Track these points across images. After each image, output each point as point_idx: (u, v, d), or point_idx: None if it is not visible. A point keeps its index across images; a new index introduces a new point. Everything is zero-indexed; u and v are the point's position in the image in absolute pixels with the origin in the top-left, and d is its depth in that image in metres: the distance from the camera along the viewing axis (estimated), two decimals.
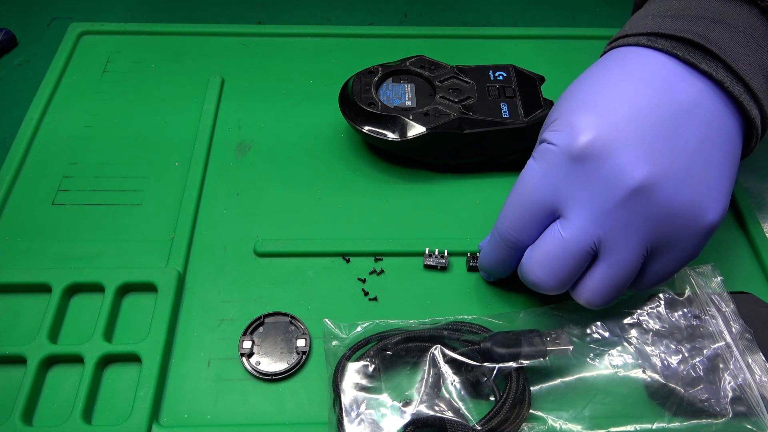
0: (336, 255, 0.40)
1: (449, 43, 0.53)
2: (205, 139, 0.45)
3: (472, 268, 0.39)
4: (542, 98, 0.43)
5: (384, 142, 0.41)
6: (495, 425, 0.31)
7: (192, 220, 0.41)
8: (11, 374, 0.35)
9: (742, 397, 0.32)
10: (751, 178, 0.46)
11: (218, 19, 0.55)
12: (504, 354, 0.32)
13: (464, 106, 0.42)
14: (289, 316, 0.37)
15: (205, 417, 0.34)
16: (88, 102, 0.48)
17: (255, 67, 0.51)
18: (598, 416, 0.33)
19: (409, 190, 0.44)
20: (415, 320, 0.35)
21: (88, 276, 0.38)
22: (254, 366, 0.35)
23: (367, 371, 0.33)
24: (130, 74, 0.50)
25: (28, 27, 0.55)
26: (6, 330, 0.36)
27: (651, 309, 0.36)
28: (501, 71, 0.45)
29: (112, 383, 0.35)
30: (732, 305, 0.35)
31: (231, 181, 0.44)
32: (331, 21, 0.56)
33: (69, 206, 0.42)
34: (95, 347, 0.35)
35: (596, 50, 0.54)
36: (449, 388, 0.32)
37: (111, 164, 0.44)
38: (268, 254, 0.40)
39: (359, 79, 0.43)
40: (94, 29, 0.53)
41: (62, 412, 0.33)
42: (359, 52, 0.52)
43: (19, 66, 0.52)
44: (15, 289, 0.38)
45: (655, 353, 0.34)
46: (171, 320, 0.36)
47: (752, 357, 0.34)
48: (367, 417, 0.31)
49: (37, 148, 0.45)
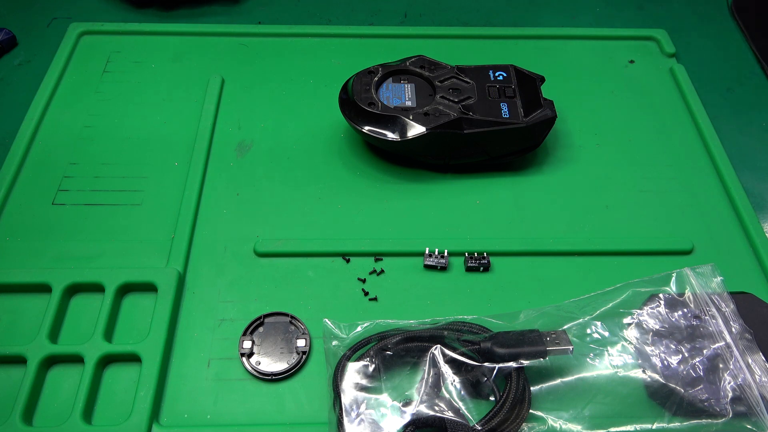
0: (336, 255, 0.40)
1: (449, 43, 0.53)
2: (205, 139, 0.45)
3: (472, 268, 0.39)
4: (542, 98, 0.43)
5: (384, 142, 0.41)
6: (495, 425, 0.31)
7: (192, 220, 0.41)
8: (11, 374, 0.35)
9: (742, 397, 0.32)
10: (751, 178, 0.46)
11: (218, 19, 0.55)
12: (504, 354, 0.32)
13: (464, 106, 0.42)
14: (289, 316, 0.37)
15: (205, 417, 0.34)
16: (88, 102, 0.48)
17: (255, 67, 0.51)
18: (598, 416, 0.33)
19: (409, 190, 0.44)
20: (415, 320, 0.35)
21: (88, 276, 0.38)
22: (254, 366, 0.35)
23: (367, 371, 0.33)
24: (130, 74, 0.50)
25: (28, 27, 0.55)
26: (6, 330, 0.36)
27: (651, 309, 0.36)
28: (501, 71, 0.45)
29: (112, 383, 0.35)
30: (732, 305, 0.35)
31: (231, 181, 0.44)
32: (331, 21, 0.56)
33: (69, 206, 0.42)
34: (95, 347, 0.35)
35: (596, 50, 0.54)
36: (449, 388, 0.32)
37: (111, 164, 0.44)
38: (268, 254, 0.40)
39: (359, 79, 0.43)
40: (94, 29, 0.53)
41: (62, 412, 0.33)
42: (359, 52, 0.52)
43: (19, 66, 0.52)
44: (15, 289, 0.38)
45: (655, 353, 0.34)
46: (171, 320, 0.36)
47: (752, 357, 0.34)
48: (367, 417, 0.31)
49: (37, 148, 0.45)
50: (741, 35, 0.57)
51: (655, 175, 0.45)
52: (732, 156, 0.46)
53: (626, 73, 0.52)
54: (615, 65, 0.53)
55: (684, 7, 0.59)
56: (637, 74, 0.52)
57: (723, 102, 0.51)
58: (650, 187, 0.44)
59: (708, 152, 0.46)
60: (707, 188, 0.44)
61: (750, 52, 0.55)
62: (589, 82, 0.51)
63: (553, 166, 0.45)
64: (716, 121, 0.48)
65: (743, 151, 0.48)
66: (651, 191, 0.44)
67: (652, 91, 0.51)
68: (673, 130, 0.48)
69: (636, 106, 0.50)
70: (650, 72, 0.52)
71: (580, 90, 0.50)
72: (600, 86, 0.51)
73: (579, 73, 0.52)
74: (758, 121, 0.50)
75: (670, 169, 0.45)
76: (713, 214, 0.43)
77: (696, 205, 0.43)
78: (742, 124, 0.50)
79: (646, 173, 0.45)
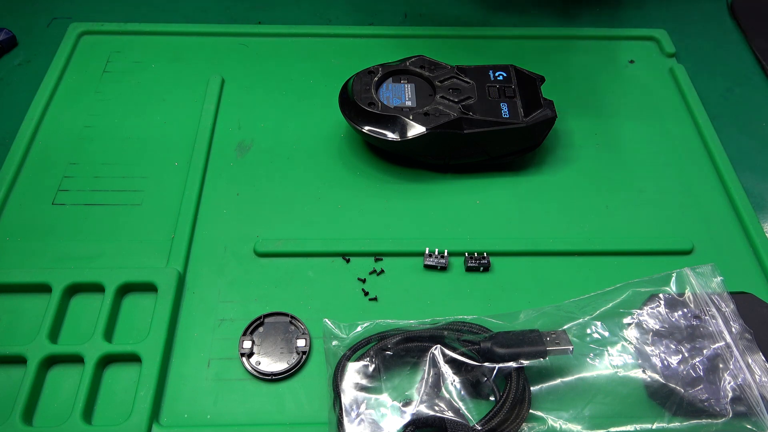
0: (336, 255, 0.40)
1: (449, 43, 0.53)
2: (205, 139, 0.45)
3: (472, 268, 0.39)
4: (542, 98, 0.43)
5: (384, 142, 0.41)
6: (495, 425, 0.31)
7: (192, 220, 0.41)
8: (11, 374, 0.35)
9: (742, 397, 0.32)
10: (751, 178, 0.46)
11: (218, 19, 0.55)
12: (504, 354, 0.32)
13: (464, 106, 0.42)
14: (289, 316, 0.37)
15: (205, 417, 0.34)
16: (88, 102, 0.48)
17: (255, 67, 0.51)
18: (598, 416, 0.33)
19: (409, 190, 0.44)
20: (415, 320, 0.35)
21: (88, 276, 0.38)
22: (254, 366, 0.35)
23: (367, 371, 0.33)
24: (130, 74, 0.50)
25: (28, 27, 0.55)
26: (6, 330, 0.36)
27: (651, 309, 0.36)
28: (501, 71, 0.45)
29: (112, 383, 0.35)
30: (732, 305, 0.35)
31: (231, 181, 0.44)
32: (331, 21, 0.56)
33: (69, 206, 0.42)
34: (95, 347, 0.35)
35: (596, 50, 0.54)
36: (449, 388, 0.32)
37: (111, 164, 0.44)
38: (268, 254, 0.40)
39: (359, 79, 0.43)
40: (94, 29, 0.53)
41: (62, 412, 0.33)
42: (359, 52, 0.52)
43: (19, 66, 0.52)
44: (15, 289, 0.38)
45: (655, 353, 0.34)
46: (171, 320, 0.36)
47: (752, 357, 0.34)
48: (367, 417, 0.31)
49: (37, 148, 0.45)
50: (741, 35, 0.57)
51: (655, 175, 0.45)
52: (732, 156, 0.46)
53: (626, 73, 0.52)
54: (615, 65, 0.53)
55: (684, 7, 0.59)
56: (637, 74, 0.52)
57: (723, 102, 0.51)
58: (650, 187, 0.44)
59: (708, 152, 0.46)
60: (707, 188, 0.44)
61: (750, 52, 0.55)
62: (589, 82, 0.51)
63: (553, 166, 0.45)
64: (716, 121, 0.48)
65: (743, 151, 0.48)
66: (651, 191, 0.44)
67: (652, 91, 0.51)
68: (673, 130, 0.48)
69: (636, 106, 0.50)
70: (650, 72, 0.52)
71: (580, 90, 0.50)
72: (600, 86, 0.51)
73: (579, 73, 0.52)
74: (758, 121, 0.50)
75: (670, 169, 0.45)
76: (713, 214, 0.43)
77: (696, 205, 0.43)
78: (742, 124, 0.50)
79: (646, 173, 0.45)
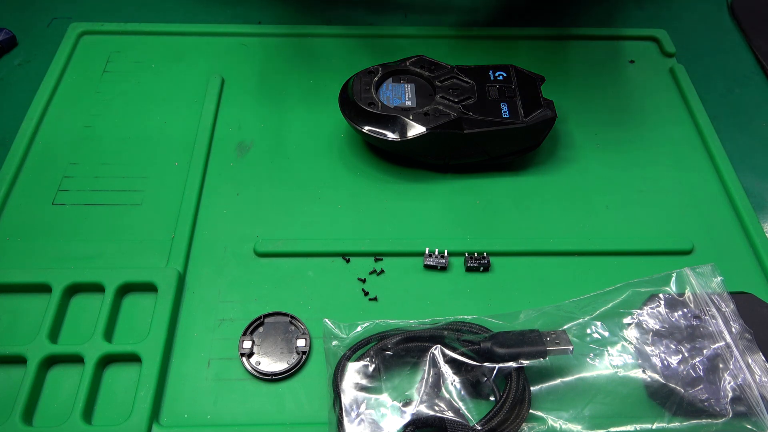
0: (336, 255, 0.40)
1: (449, 43, 0.53)
2: (205, 139, 0.45)
3: (472, 268, 0.39)
4: (542, 98, 0.43)
5: (384, 142, 0.41)
6: (495, 425, 0.31)
7: (192, 220, 0.41)
8: (11, 374, 0.35)
9: (742, 397, 0.32)
10: (751, 178, 0.46)
11: (218, 19, 0.55)
12: (504, 354, 0.32)
13: (464, 106, 0.42)
14: (289, 316, 0.37)
15: (205, 417, 0.34)
16: (88, 102, 0.48)
17: (255, 67, 0.51)
18: (598, 416, 0.33)
19: (409, 190, 0.44)
20: (415, 320, 0.35)
21: (88, 276, 0.38)
22: (254, 366, 0.35)
23: (367, 371, 0.33)
24: (130, 74, 0.50)
25: (28, 27, 0.55)
26: (6, 330, 0.36)
27: (651, 309, 0.36)
28: (501, 71, 0.45)
29: (112, 383, 0.35)
30: (732, 305, 0.35)
31: (231, 181, 0.44)
32: (331, 21, 0.56)
33: (69, 206, 0.42)
34: (95, 347, 0.35)
35: (596, 50, 0.54)
36: (449, 388, 0.32)
37: (111, 164, 0.44)
38: (268, 254, 0.40)
39: (359, 79, 0.43)
40: (94, 29, 0.53)
41: (62, 412, 0.33)
42: (359, 52, 0.52)
43: (19, 66, 0.52)
44: (15, 289, 0.38)
45: (655, 353, 0.34)
46: (171, 320, 0.36)
47: (752, 357, 0.34)
48: (367, 417, 0.31)
49: (37, 148, 0.45)
50: (741, 35, 0.57)
51: (655, 175, 0.45)
52: (732, 156, 0.46)
53: (626, 73, 0.52)
54: (615, 65, 0.53)
55: (684, 7, 0.59)
56: (637, 74, 0.52)
57: (723, 102, 0.51)
58: (650, 187, 0.44)
59: (708, 152, 0.46)
60: (707, 188, 0.44)
61: (750, 52, 0.55)
62: (589, 82, 0.51)
63: (553, 166, 0.45)
64: (716, 121, 0.48)
65: (743, 151, 0.48)
66: (651, 191, 0.44)
67: (652, 91, 0.51)
68: (673, 130, 0.48)
69: (636, 106, 0.50)
70: (650, 72, 0.52)
71: (580, 90, 0.50)
72: (600, 86, 0.51)
73: (579, 73, 0.52)
74: (758, 121, 0.50)
75: (670, 169, 0.45)
76: (713, 214, 0.43)
77: (696, 205, 0.43)
78: (742, 124, 0.50)
79: (646, 173, 0.45)
